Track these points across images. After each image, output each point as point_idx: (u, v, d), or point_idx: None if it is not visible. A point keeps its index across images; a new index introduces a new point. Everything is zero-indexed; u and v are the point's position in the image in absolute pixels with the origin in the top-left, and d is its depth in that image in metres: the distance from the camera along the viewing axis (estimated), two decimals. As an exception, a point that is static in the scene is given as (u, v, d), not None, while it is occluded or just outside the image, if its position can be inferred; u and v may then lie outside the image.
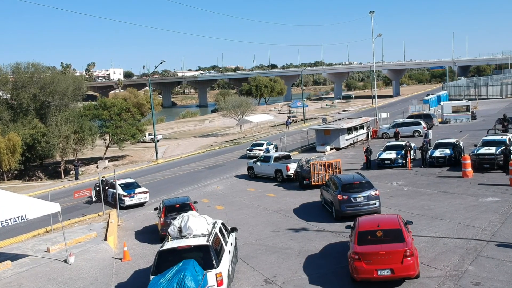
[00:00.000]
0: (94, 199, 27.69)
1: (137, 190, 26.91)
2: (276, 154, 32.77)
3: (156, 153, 45.76)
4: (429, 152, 28.98)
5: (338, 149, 40.16)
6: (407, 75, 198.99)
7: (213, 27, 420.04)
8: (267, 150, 41.32)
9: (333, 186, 20.35)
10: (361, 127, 43.77)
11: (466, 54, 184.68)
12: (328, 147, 39.79)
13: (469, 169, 24.61)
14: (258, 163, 32.32)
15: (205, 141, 63.68)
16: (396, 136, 39.41)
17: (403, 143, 31.42)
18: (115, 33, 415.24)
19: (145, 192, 27.05)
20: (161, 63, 41.94)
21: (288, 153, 34.46)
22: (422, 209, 19.44)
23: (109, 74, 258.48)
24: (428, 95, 77.06)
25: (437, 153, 28.74)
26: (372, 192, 19.20)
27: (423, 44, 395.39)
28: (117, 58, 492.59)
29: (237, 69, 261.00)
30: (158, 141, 70.26)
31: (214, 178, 33.67)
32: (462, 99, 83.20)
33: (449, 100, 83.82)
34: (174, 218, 18.57)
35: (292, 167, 29.25)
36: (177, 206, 19.08)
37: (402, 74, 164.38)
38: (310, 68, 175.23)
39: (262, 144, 42.97)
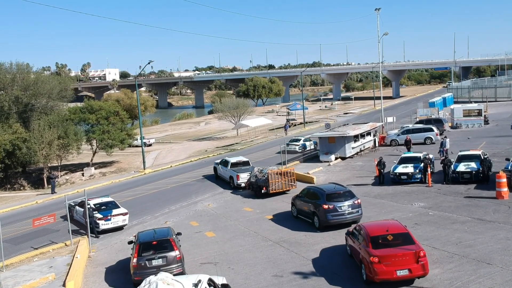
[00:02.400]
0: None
1: (114, 211, 23.02)
2: (235, 160, 32.34)
3: (144, 163, 41.77)
4: (452, 166, 25.25)
5: (343, 158, 36.42)
6: (406, 76, 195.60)
7: (211, 26, 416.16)
8: (304, 146, 42.72)
9: (311, 196, 20.54)
10: (368, 133, 40.06)
11: (467, 54, 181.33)
12: (332, 156, 36.05)
13: (505, 189, 20.91)
14: (220, 165, 32.85)
15: (200, 146, 59.91)
16: (408, 144, 35.62)
17: (421, 154, 27.67)
18: (111, 33, 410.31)
19: (124, 214, 23.15)
20: (149, 63, 38.19)
21: (247, 159, 33.38)
22: (460, 246, 15.69)
23: (104, 74, 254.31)
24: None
25: (462, 167, 25.01)
26: (355, 201, 19.60)
27: (423, 44, 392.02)
28: (113, 58, 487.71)
29: (234, 69, 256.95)
30: (150, 145, 66.61)
31: (206, 193, 29.86)
32: (468, 102, 79.93)
33: (455, 102, 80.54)
34: (150, 259, 14.97)
35: (243, 177, 29.52)
36: (154, 243, 15.23)
37: (402, 75, 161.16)
38: (309, 68, 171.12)
39: (299, 140, 43.93)
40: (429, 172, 25.31)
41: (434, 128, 41.31)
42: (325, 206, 19.11)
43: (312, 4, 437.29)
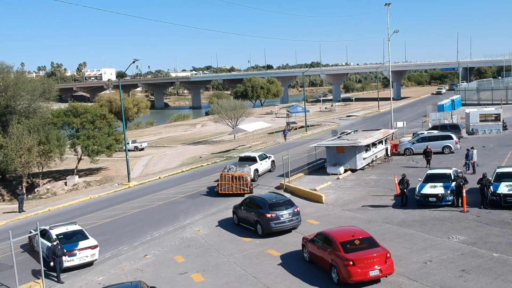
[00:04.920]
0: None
1: (81, 244, 18.66)
2: (243, 154, 35.05)
3: (128, 174, 37.23)
4: (492, 187, 21.02)
5: (354, 170, 32.16)
6: (405, 77, 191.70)
7: (209, 24, 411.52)
8: None
9: (253, 206, 21.53)
10: (379, 141, 35.80)
11: (470, 55, 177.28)
12: (341, 169, 31.77)
13: None
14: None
15: (194, 151, 55.68)
16: (428, 155, 31.21)
17: (451, 171, 23.46)
18: (108, 33, 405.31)
19: (93, 247, 18.78)
20: (134, 62, 34.20)
21: (255, 155, 34.26)
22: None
23: (101, 74, 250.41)
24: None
25: (503, 188, 20.77)
26: (295, 209, 20.90)
27: (422, 45, 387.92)
28: (110, 58, 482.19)
29: (232, 69, 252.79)
30: (142, 149, 62.30)
31: (196, 213, 25.51)
32: (477, 104, 75.94)
33: (463, 104, 76.48)
34: None
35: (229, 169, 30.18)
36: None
37: (403, 75, 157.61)
38: (308, 69, 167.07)
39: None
40: (464, 194, 21.01)
41: (453, 136, 37.09)
42: (268, 215, 20.32)
43: (312, 3, 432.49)
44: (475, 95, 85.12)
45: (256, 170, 32.92)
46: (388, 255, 14.39)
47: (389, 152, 37.36)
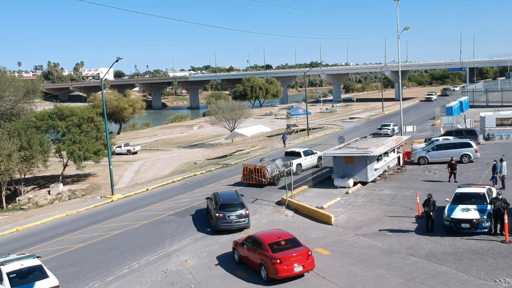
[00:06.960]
0: None
1: (38, 284, 15.08)
2: (289, 150, 37.35)
3: (112, 186, 33.25)
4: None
5: (364, 183, 28.58)
6: (406, 77, 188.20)
7: (207, 20, 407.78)
8: (393, 130, 51.15)
9: (214, 202, 22.96)
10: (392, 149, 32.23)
11: (473, 55, 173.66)
12: (350, 181, 28.18)
13: None
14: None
15: (189, 155, 52.18)
16: (453, 167, 27.46)
17: (484, 190, 19.86)
18: (106, 33, 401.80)
19: (53, 289, 15.28)
20: (117, 60, 30.78)
21: (299, 151, 35.55)
22: None
23: (98, 73, 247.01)
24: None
25: (552, 214, 17.31)
26: (243, 212, 22.07)
27: (423, 45, 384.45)
28: (108, 58, 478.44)
29: (231, 69, 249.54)
30: (135, 152, 58.80)
31: (184, 236, 21.91)
32: (485, 106, 72.62)
33: (470, 106, 73.02)
34: None
35: (272, 167, 31.34)
36: None
37: (405, 76, 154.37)
38: (308, 68, 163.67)
39: (389, 125, 52.94)
40: (506, 221, 17.44)
41: (473, 143, 33.55)
42: (217, 215, 21.82)
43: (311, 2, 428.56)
44: (483, 97, 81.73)
45: (299, 164, 34.17)
46: (310, 253, 16.23)
47: (401, 161, 33.86)
